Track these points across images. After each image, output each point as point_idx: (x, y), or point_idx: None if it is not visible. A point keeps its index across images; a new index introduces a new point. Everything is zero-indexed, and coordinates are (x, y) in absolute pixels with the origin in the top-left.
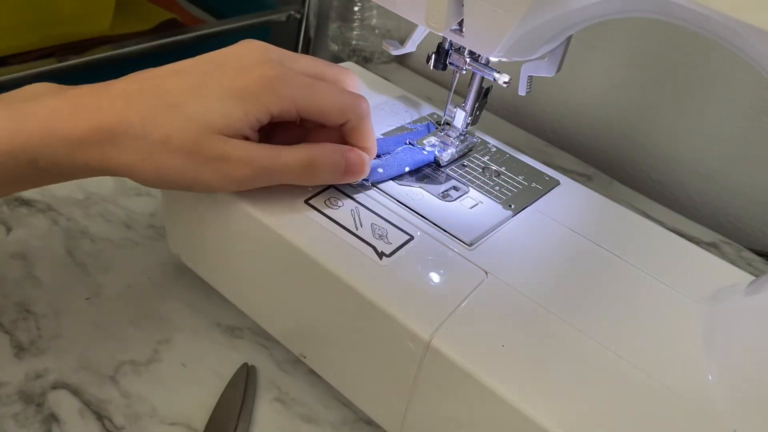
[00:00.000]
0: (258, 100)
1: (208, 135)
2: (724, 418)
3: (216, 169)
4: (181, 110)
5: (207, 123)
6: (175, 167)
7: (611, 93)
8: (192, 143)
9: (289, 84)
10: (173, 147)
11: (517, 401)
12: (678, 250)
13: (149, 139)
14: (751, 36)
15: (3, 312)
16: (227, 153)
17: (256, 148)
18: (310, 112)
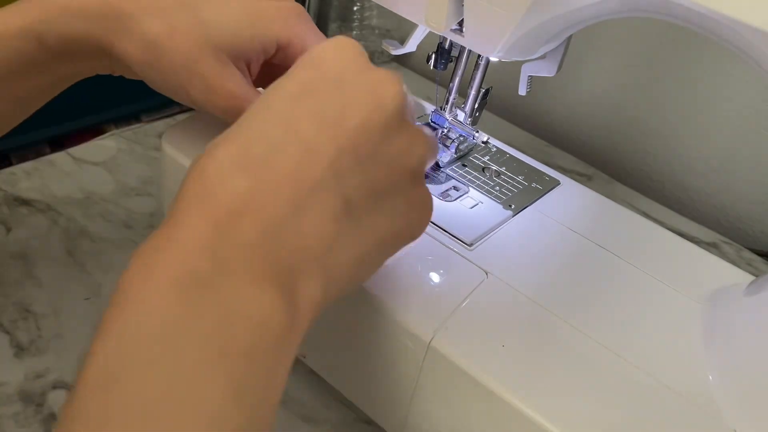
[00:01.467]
0: (268, 26)
1: (211, 49)
2: (724, 418)
3: (205, 88)
4: (196, 11)
5: (214, 35)
6: (171, 65)
7: (611, 93)
8: (193, 48)
9: (302, 22)
10: (174, 44)
11: (517, 401)
12: (678, 250)
13: (155, 28)
14: (751, 36)
15: (3, 312)
16: (220, 79)
17: (245, 87)
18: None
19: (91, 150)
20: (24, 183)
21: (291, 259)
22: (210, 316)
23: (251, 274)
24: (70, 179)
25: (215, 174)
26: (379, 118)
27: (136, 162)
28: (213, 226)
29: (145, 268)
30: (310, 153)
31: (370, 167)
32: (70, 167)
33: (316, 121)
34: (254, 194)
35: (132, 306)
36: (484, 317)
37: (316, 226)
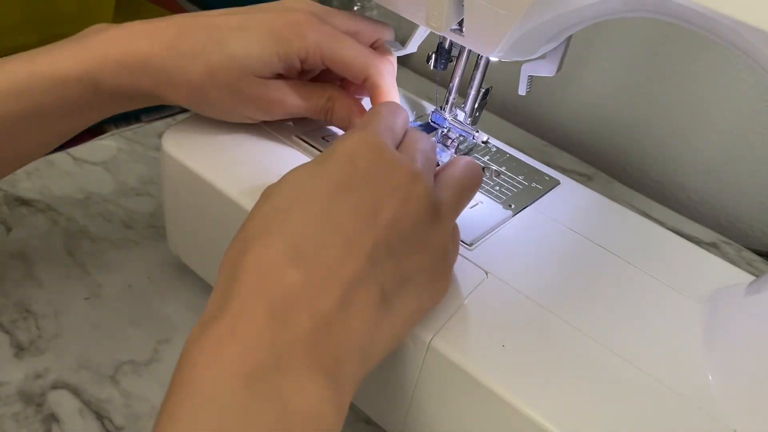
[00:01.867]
0: (289, 45)
1: (247, 77)
2: (724, 418)
3: (254, 106)
4: (224, 47)
5: (246, 66)
6: (219, 99)
7: (611, 93)
8: (234, 83)
9: (316, 32)
10: (216, 82)
11: (517, 401)
12: (678, 250)
13: (196, 70)
14: (752, 36)
15: (3, 312)
16: (263, 94)
17: (288, 90)
18: (334, 61)
19: (91, 150)
20: (24, 183)
21: (338, 350)
22: (271, 409)
23: (305, 367)
24: (70, 179)
25: (270, 268)
26: (408, 211)
27: (136, 162)
28: (270, 320)
29: (209, 358)
30: (351, 247)
31: (400, 255)
32: (70, 167)
33: (353, 216)
34: (306, 288)
35: (199, 395)
36: (484, 317)
37: (359, 317)
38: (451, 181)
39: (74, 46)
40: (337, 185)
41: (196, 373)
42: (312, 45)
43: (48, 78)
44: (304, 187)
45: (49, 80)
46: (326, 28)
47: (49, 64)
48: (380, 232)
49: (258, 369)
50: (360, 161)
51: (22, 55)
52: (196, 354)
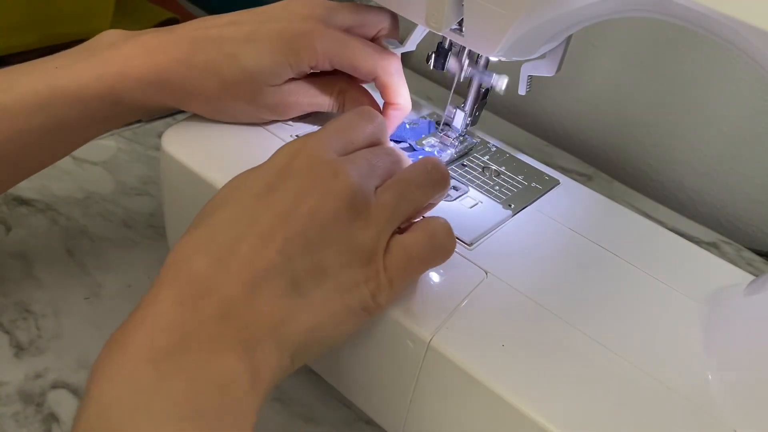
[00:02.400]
0: (298, 55)
1: (262, 88)
2: (724, 418)
3: (271, 111)
4: (238, 61)
5: (260, 77)
6: (236, 109)
7: (611, 93)
8: (248, 94)
9: (324, 40)
10: (232, 95)
11: (517, 401)
12: (678, 250)
13: (211, 85)
14: (751, 36)
15: (3, 312)
16: (278, 100)
17: (302, 91)
18: (343, 65)
19: (91, 150)
20: (23, 183)
21: (246, 333)
22: (178, 383)
23: (213, 346)
24: (70, 179)
25: (182, 257)
26: (327, 206)
27: (136, 162)
28: (178, 303)
29: (119, 345)
30: (264, 242)
31: (318, 249)
32: (70, 167)
33: (271, 214)
34: (214, 276)
35: (108, 379)
36: (484, 317)
37: (266, 303)
38: (393, 182)
39: (93, 61)
40: (265, 186)
41: (107, 361)
42: (321, 54)
43: (70, 95)
44: (236, 189)
45: (70, 97)
46: (333, 34)
47: (70, 79)
48: (295, 226)
49: (164, 349)
50: (291, 167)
51: (39, 65)
52: (107, 345)
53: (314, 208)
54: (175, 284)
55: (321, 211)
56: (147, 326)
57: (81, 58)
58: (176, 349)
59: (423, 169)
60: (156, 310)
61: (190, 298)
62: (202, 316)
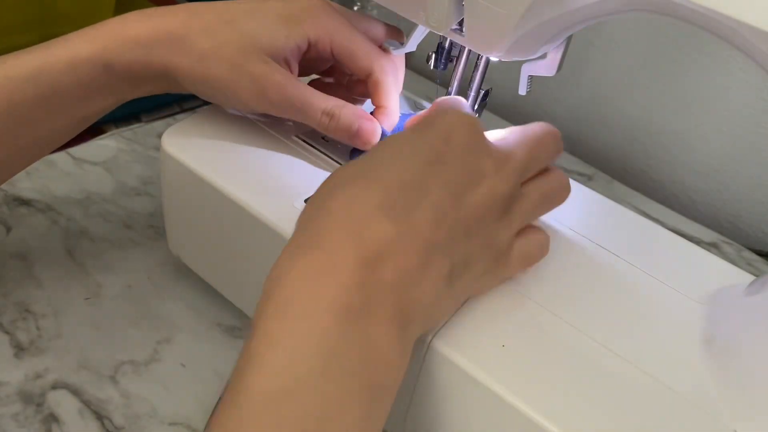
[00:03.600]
0: (299, 26)
1: (254, 52)
2: (724, 418)
3: (253, 86)
4: (236, 26)
5: (255, 41)
6: (220, 76)
7: (611, 93)
8: (238, 55)
9: (330, 19)
10: (220, 55)
11: (517, 401)
12: (678, 250)
13: (204, 45)
14: (751, 36)
15: (3, 312)
16: (267, 73)
17: (291, 79)
18: (342, 51)
19: (91, 150)
20: (24, 183)
21: (410, 307)
22: (356, 351)
23: (386, 316)
24: (70, 179)
25: (364, 212)
26: (488, 203)
27: (136, 162)
28: (364, 264)
29: (311, 285)
30: (438, 218)
31: (472, 240)
32: (70, 167)
33: (445, 191)
34: (395, 242)
35: (299, 324)
36: (484, 317)
37: (432, 281)
38: (536, 191)
39: (88, 31)
40: (434, 155)
41: (297, 302)
42: (323, 30)
43: (62, 61)
44: (403, 149)
45: (62, 63)
46: (340, 18)
47: (63, 48)
48: (463, 211)
49: (350, 308)
50: (456, 137)
51: (40, 45)
52: (297, 283)
53: (480, 202)
54: (357, 239)
55: (484, 206)
56: (334, 279)
57: (81, 32)
58: (358, 311)
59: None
60: (340, 262)
61: (373, 261)
62: (382, 282)
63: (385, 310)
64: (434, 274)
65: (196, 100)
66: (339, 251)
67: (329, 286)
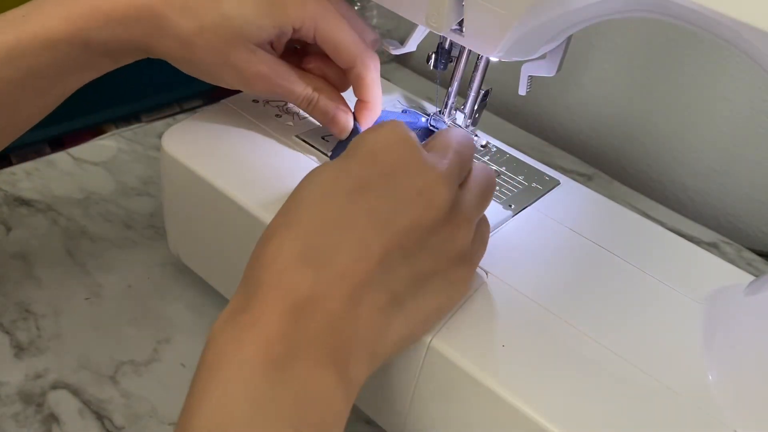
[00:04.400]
0: (285, 11)
1: (237, 41)
2: (724, 418)
3: (237, 74)
4: (219, 7)
5: (238, 27)
6: (204, 59)
7: (611, 93)
8: (222, 44)
9: (316, 4)
10: (204, 41)
11: (517, 401)
12: (678, 250)
13: (185, 26)
14: (751, 36)
15: (3, 312)
16: (250, 63)
17: (275, 67)
18: (325, 40)
19: (91, 150)
20: (24, 183)
21: (346, 347)
22: (287, 395)
23: (317, 359)
24: (70, 179)
25: (286, 266)
26: (428, 218)
27: (136, 162)
28: (287, 315)
29: (236, 343)
30: (363, 252)
31: (415, 260)
32: (70, 167)
33: (370, 219)
34: (317, 288)
35: (225, 378)
36: (484, 317)
37: (367, 318)
38: (475, 184)
39: (62, 2)
40: (358, 183)
41: (224, 360)
42: (309, 16)
43: (38, 41)
44: (327, 184)
45: (39, 43)
46: (326, 5)
47: (38, 25)
48: (394, 238)
49: (277, 358)
50: (385, 156)
51: (8, 15)
52: (224, 341)
53: (415, 221)
54: (279, 292)
55: (421, 223)
56: (259, 333)
57: (50, 1)
58: (286, 360)
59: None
60: (266, 317)
61: (295, 310)
62: (307, 328)
63: (314, 355)
64: (367, 310)
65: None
66: (264, 308)
67: (256, 341)
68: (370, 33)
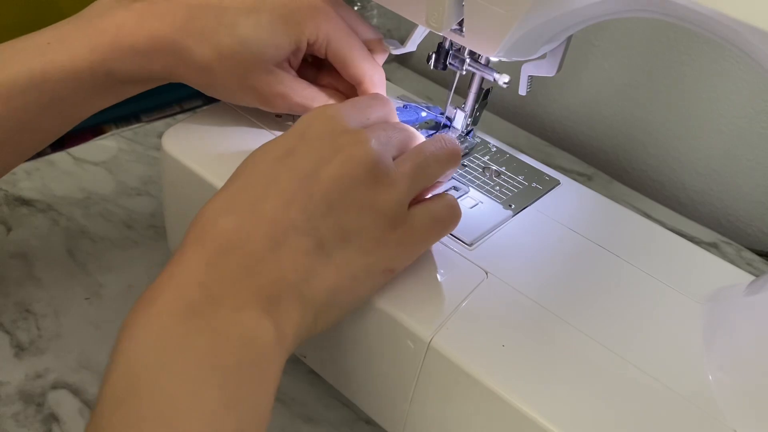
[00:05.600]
0: (299, 28)
1: (255, 65)
2: (724, 418)
3: (257, 96)
4: (234, 30)
5: (256, 51)
6: (224, 84)
7: (611, 93)
8: (241, 69)
9: (329, 22)
10: (224, 67)
11: (517, 401)
12: (678, 250)
13: (205, 55)
14: (752, 36)
15: (3, 312)
16: (270, 85)
17: (293, 86)
18: (336, 57)
19: (91, 150)
20: (24, 183)
21: (271, 288)
22: (202, 338)
23: (237, 302)
24: (70, 179)
25: (208, 217)
26: (347, 171)
27: (136, 162)
28: (205, 262)
29: (147, 303)
30: (287, 201)
31: (340, 212)
32: (70, 167)
33: (294, 176)
34: (238, 233)
35: (135, 336)
36: (484, 317)
37: (290, 260)
38: (412, 154)
39: (85, 32)
40: (285, 150)
41: (135, 317)
42: (323, 34)
43: (63, 70)
44: (258, 154)
45: (63, 72)
46: (339, 21)
47: (63, 54)
48: (317, 187)
49: (191, 305)
50: (311, 131)
51: (30, 40)
52: (139, 301)
53: (336, 173)
54: (201, 243)
55: (343, 175)
56: (174, 284)
57: (73, 30)
58: (203, 306)
59: (439, 144)
60: (183, 268)
61: (215, 256)
62: (227, 272)
63: (234, 298)
64: (292, 252)
65: (196, 100)
66: (184, 259)
67: (167, 293)
68: (378, 37)
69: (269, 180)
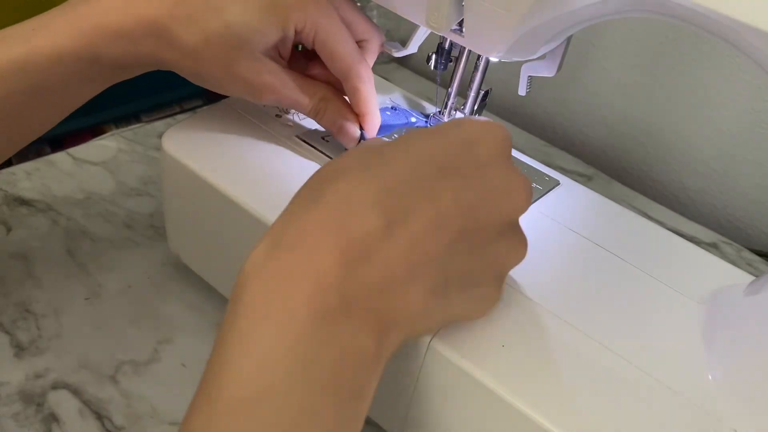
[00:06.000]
0: (286, 14)
1: (242, 51)
2: (724, 417)
3: (246, 85)
4: (221, 13)
5: (243, 37)
6: (212, 71)
7: (611, 93)
8: (228, 55)
9: (318, 10)
10: (211, 52)
11: (517, 401)
12: (678, 250)
13: (191, 39)
14: (751, 36)
15: (3, 312)
16: (256, 75)
17: (282, 77)
18: (323, 49)
19: (91, 150)
20: (24, 183)
21: (391, 315)
22: (333, 353)
23: (365, 319)
24: (70, 179)
25: (356, 203)
26: (506, 220)
27: (136, 162)
28: (343, 263)
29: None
30: (438, 226)
31: (475, 257)
32: (70, 167)
33: (455, 200)
34: (383, 242)
35: (272, 324)
36: (484, 317)
37: (418, 295)
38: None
39: (69, 17)
40: (451, 163)
41: (273, 302)
42: (310, 21)
43: (46, 56)
44: (419, 151)
45: (48, 58)
46: (330, 11)
47: (47, 39)
48: (470, 225)
49: (327, 310)
50: (480, 149)
51: (18, 28)
52: (271, 281)
53: (496, 219)
54: (342, 231)
55: (500, 223)
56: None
57: (58, 16)
58: (336, 316)
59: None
60: (320, 260)
61: (354, 256)
62: (362, 282)
63: (364, 314)
64: (423, 286)
65: (196, 100)
66: (319, 248)
67: (304, 287)
68: (377, 35)
69: (427, 192)
